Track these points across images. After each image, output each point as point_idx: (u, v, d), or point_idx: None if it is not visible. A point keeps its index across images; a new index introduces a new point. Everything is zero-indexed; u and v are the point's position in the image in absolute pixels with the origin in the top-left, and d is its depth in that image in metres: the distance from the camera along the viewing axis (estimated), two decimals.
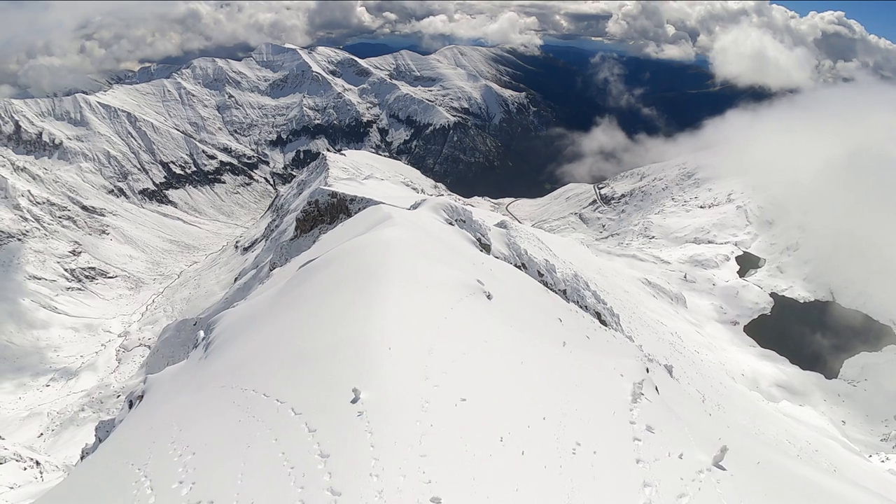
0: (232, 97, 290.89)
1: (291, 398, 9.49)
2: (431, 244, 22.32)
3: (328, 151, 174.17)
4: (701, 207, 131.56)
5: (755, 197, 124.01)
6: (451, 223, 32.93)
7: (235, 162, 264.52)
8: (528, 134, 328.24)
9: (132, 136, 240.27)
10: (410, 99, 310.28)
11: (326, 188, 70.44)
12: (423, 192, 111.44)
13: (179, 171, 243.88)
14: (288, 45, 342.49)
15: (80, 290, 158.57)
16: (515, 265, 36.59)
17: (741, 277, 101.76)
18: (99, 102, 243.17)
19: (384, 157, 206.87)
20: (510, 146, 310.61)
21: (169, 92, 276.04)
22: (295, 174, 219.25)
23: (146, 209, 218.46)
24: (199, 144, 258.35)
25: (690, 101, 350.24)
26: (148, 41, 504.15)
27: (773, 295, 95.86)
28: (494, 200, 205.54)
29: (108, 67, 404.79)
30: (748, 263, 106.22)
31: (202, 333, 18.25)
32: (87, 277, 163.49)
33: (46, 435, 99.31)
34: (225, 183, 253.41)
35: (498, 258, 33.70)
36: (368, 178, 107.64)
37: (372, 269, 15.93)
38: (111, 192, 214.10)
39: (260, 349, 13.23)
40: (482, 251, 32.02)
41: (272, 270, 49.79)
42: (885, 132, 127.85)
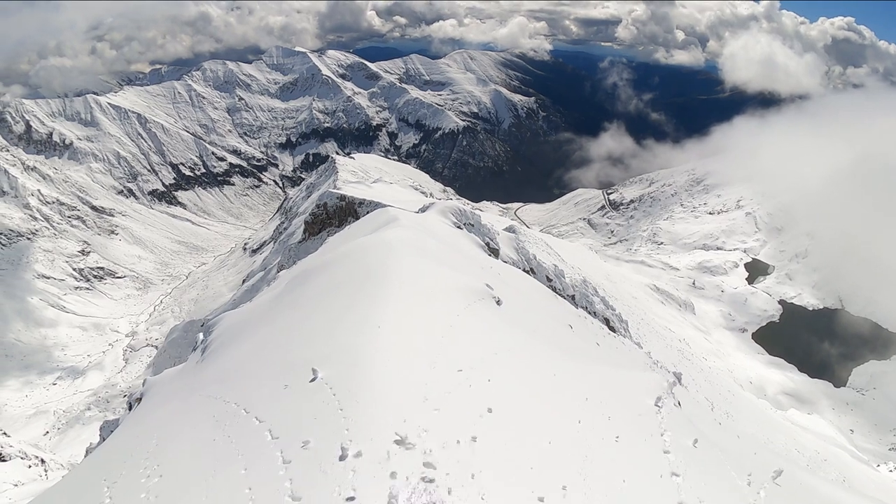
0: (242, 99, 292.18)
1: (271, 418, 8.90)
2: (438, 247, 21.87)
3: (337, 154, 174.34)
4: (710, 214, 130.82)
5: (764, 203, 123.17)
6: (459, 227, 32.69)
7: (245, 164, 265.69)
8: (536, 139, 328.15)
9: (142, 137, 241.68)
10: (420, 103, 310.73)
11: (335, 191, 70.35)
12: (431, 196, 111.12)
13: (189, 172, 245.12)
14: (298, 48, 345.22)
15: (88, 289, 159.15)
16: (524, 270, 36.32)
17: (750, 284, 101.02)
18: (109, 103, 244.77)
19: (393, 160, 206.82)
20: (519, 151, 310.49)
21: (179, 94, 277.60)
22: (304, 177, 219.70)
23: (155, 210, 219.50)
24: (208, 146, 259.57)
25: (700, 106, 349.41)
26: (159, 43, 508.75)
27: (781, 302, 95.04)
28: (503, 205, 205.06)
29: (118, 69, 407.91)
30: (757, 270, 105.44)
31: (201, 336, 18.04)
32: (95, 277, 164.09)
33: (52, 433, 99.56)
34: (234, 185, 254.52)
35: (506, 263, 33.43)
36: (377, 181, 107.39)
37: (373, 271, 15.32)
38: (121, 192, 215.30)
39: (251, 356, 12.79)
40: (490, 255, 31.72)
41: (279, 272, 49.65)
42: (894, 139, 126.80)
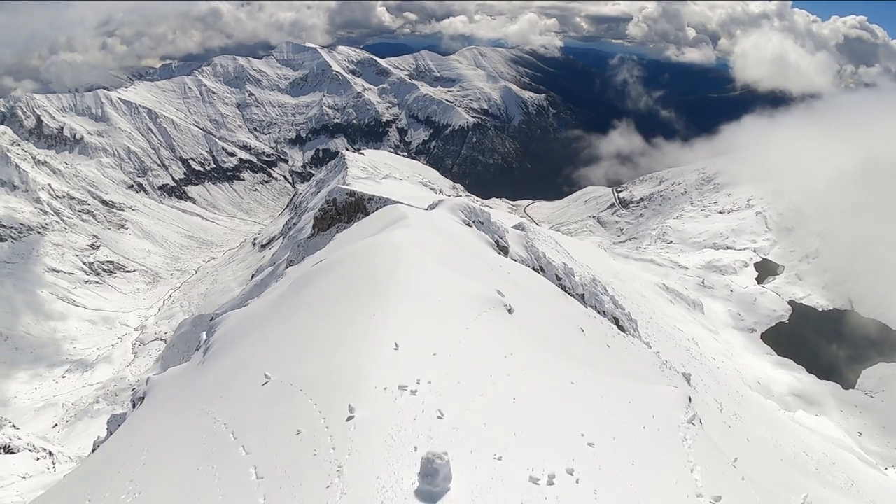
0: (252, 95, 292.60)
1: (258, 449, 8.27)
2: (447, 247, 21.59)
3: (347, 150, 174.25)
4: (720, 213, 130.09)
5: (775, 203, 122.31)
6: (468, 224, 32.50)
7: (255, 159, 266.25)
8: (546, 136, 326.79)
9: (152, 132, 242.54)
10: (430, 99, 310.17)
11: (345, 187, 70.44)
12: (441, 192, 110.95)
13: (199, 167, 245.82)
14: (308, 44, 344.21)
15: (97, 283, 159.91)
16: (533, 268, 36.10)
17: (759, 284, 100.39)
18: (120, 98, 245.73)
19: (403, 156, 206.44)
20: (529, 148, 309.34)
21: (190, 89, 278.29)
22: (313, 172, 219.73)
23: (165, 205, 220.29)
24: (218, 141, 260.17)
25: (710, 105, 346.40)
26: (169, 39, 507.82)
27: (790, 302, 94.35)
28: (512, 202, 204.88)
29: (129, 64, 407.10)
30: (767, 270, 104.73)
31: (204, 335, 17.94)
32: (105, 271, 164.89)
33: (61, 426, 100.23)
34: (244, 180, 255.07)
35: (516, 261, 33.23)
36: (386, 177, 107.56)
37: (379, 277, 14.74)
38: (131, 187, 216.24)
39: (247, 365, 12.31)
40: (500, 254, 31.50)
41: (288, 268, 49.66)
42: None
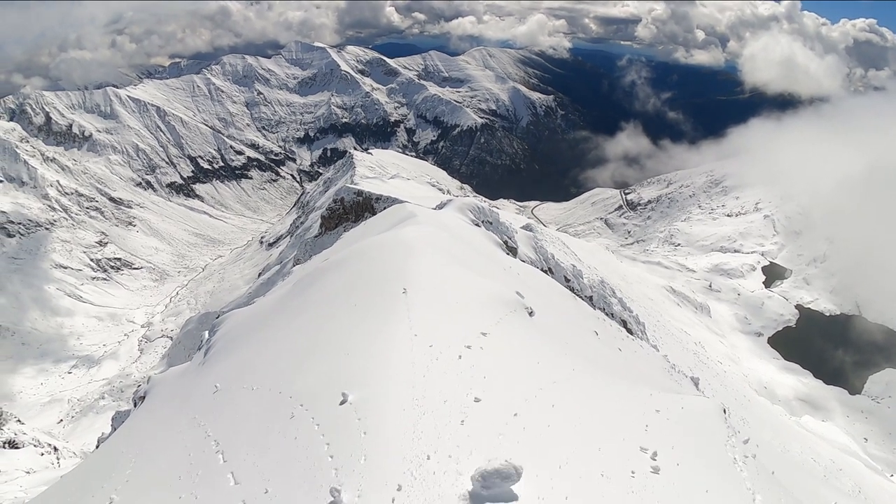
0: (261, 94, 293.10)
1: (247, 478, 7.60)
2: (457, 246, 21.16)
3: (355, 150, 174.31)
4: (728, 216, 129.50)
5: (783, 206, 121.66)
6: (477, 224, 32.25)
7: (263, 158, 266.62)
8: (554, 137, 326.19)
9: (161, 130, 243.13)
10: (438, 100, 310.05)
11: (352, 186, 70.37)
12: (448, 192, 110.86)
13: (207, 165, 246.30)
14: (317, 43, 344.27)
15: (105, 279, 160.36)
16: (542, 270, 35.81)
17: (767, 288, 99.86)
18: (129, 96, 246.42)
19: (411, 156, 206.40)
20: (537, 149, 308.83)
21: (198, 87, 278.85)
22: (321, 172, 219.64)
23: (173, 202, 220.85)
24: (227, 140, 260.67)
25: (719, 107, 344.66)
26: (178, 37, 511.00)
27: (798, 307, 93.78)
28: (520, 203, 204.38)
29: (138, 62, 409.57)
30: (774, 274, 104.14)
31: (206, 335, 17.71)
32: (112, 268, 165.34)
33: (66, 421, 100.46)
34: (252, 179, 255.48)
35: (524, 262, 32.93)
36: (394, 177, 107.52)
37: (389, 276, 13.96)
38: (139, 184, 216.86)
39: (245, 372, 11.76)
40: (509, 254, 31.24)
41: (294, 266, 49.55)
42: None
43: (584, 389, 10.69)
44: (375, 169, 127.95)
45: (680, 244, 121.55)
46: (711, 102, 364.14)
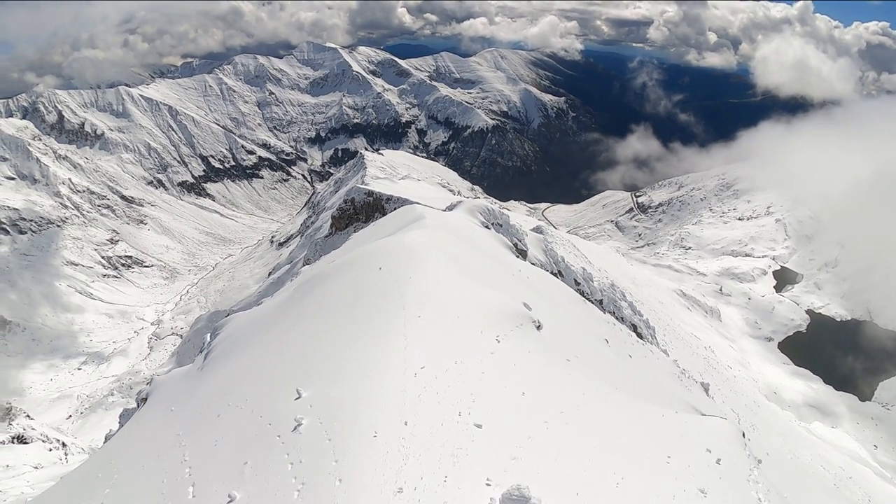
0: (272, 94, 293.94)
1: None
2: (465, 250, 20.89)
3: (366, 150, 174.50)
4: (739, 219, 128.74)
5: (795, 210, 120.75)
6: (487, 227, 32.01)
7: (274, 158, 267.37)
8: (565, 139, 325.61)
9: (173, 129, 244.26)
10: (449, 101, 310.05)
11: (363, 187, 70.34)
12: (459, 194, 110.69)
13: (218, 164, 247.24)
14: (329, 44, 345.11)
15: (115, 277, 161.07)
16: (552, 272, 35.54)
17: (777, 292, 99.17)
18: (141, 95, 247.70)
19: (422, 157, 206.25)
20: (548, 151, 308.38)
21: (210, 87, 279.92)
22: (332, 172, 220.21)
23: (184, 201, 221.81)
24: (238, 139, 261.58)
25: (730, 110, 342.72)
26: (190, 37, 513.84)
27: (808, 312, 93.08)
28: (530, 205, 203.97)
29: (150, 62, 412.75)
30: (785, 278, 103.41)
31: (208, 338, 17.57)
32: (123, 265, 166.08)
33: (75, 417, 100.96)
34: (263, 178, 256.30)
35: (534, 265, 32.67)
36: (405, 178, 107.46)
37: (390, 288, 13.49)
38: (150, 183, 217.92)
39: (234, 388, 11.51)
40: (518, 257, 31.00)
41: (303, 266, 49.57)
42: None
43: (596, 418, 10.31)
44: (386, 169, 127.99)
45: (690, 247, 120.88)
46: (723, 105, 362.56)
